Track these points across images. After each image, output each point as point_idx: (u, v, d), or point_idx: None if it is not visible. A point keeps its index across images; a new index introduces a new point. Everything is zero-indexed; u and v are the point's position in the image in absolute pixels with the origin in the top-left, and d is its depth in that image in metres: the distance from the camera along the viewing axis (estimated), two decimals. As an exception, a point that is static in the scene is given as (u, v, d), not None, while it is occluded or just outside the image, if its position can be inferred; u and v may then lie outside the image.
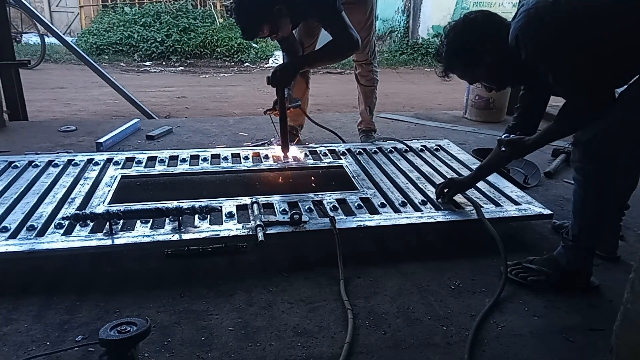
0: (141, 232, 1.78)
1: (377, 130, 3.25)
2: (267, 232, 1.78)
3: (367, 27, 2.85)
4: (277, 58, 8.29)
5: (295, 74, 2.46)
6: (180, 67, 8.30)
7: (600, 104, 1.50)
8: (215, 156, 2.60)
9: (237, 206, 2.00)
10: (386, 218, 1.98)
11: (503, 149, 1.83)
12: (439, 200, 2.13)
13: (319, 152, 2.69)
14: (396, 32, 10.62)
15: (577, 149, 1.58)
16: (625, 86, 1.54)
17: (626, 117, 1.50)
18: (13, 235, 1.75)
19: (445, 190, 2.12)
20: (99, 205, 2.01)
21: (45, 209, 1.94)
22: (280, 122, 2.54)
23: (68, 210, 1.95)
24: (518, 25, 1.53)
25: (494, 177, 2.38)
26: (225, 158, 2.57)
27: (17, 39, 8.63)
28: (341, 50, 2.44)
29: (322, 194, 2.14)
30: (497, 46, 1.62)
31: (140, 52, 8.67)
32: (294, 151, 2.66)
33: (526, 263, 1.76)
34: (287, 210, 1.97)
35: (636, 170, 1.76)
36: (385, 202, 2.12)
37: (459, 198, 2.15)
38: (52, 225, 1.81)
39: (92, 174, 2.32)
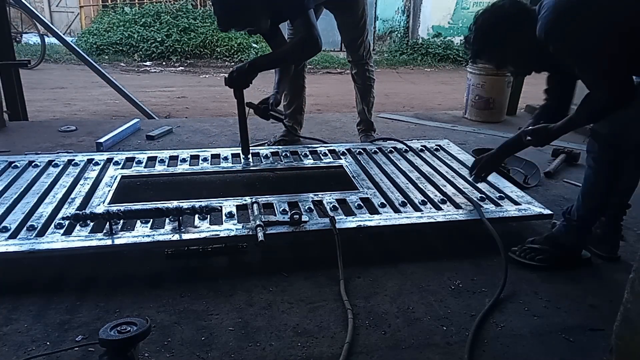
0: (141, 232, 1.78)
1: (377, 130, 3.25)
2: (267, 232, 1.78)
3: (361, 27, 2.83)
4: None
5: (252, 75, 2.37)
6: (180, 67, 8.30)
7: (623, 98, 1.55)
8: (215, 156, 2.60)
9: (237, 206, 2.00)
10: (386, 218, 1.98)
11: (529, 138, 1.86)
12: (475, 179, 2.13)
13: (319, 152, 2.69)
14: (396, 32, 10.63)
15: (596, 140, 1.71)
16: None
17: None
18: (13, 235, 1.75)
19: (483, 175, 2.10)
20: (99, 205, 2.01)
21: (46, 209, 1.94)
22: (239, 123, 2.50)
23: (68, 210, 1.95)
24: (546, 20, 1.57)
25: (494, 177, 2.38)
26: (226, 158, 2.57)
27: (17, 39, 8.62)
28: (300, 50, 2.40)
29: (322, 194, 2.14)
30: (524, 31, 1.68)
31: (140, 52, 8.67)
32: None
33: (529, 244, 1.86)
34: (287, 210, 1.97)
35: (639, 168, 1.81)
36: (385, 202, 2.12)
37: (458, 198, 2.15)
38: (52, 225, 1.81)
39: (92, 174, 2.32)
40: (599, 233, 1.92)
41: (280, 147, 2.83)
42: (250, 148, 2.62)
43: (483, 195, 2.19)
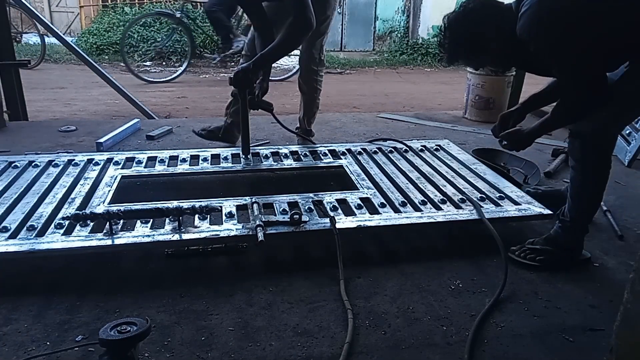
0: (141, 232, 1.78)
1: (377, 130, 3.24)
2: (267, 232, 1.78)
3: (323, 28, 2.75)
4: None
5: (257, 73, 2.37)
6: (180, 67, 8.28)
7: (600, 98, 1.57)
8: (215, 156, 2.60)
9: (237, 206, 1.99)
10: (386, 218, 1.98)
11: (504, 142, 1.89)
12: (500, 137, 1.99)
13: (319, 152, 2.69)
14: (396, 32, 10.62)
15: (577, 140, 1.72)
16: (617, 77, 1.65)
17: (620, 112, 1.66)
18: (13, 235, 1.75)
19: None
20: (99, 205, 2.01)
21: (45, 209, 1.94)
22: (242, 123, 2.48)
23: (68, 210, 1.95)
24: (529, 21, 1.56)
25: (493, 177, 2.39)
26: (226, 158, 2.57)
27: (17, 39, 8.61)
28: (295, 35, 2.36)
29: (322, 194, 2.14)
30: (499, 31, 1.66)
31: (140, 52, 8.67)
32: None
33: (529, 245, 1.87)
34: (287, 210, 1.97)
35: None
36: (385, 202, 2.12)
37: (456, 195, 2.15)
38: (52, 225, 1.81)
39: (92, 174, 2.32)
40: None
41: (280, 147, 2.82)
42: (250, 148, 2.62)
43: (483, 196, 2.19)
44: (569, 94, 1.65)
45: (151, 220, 1.84)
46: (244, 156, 2.58)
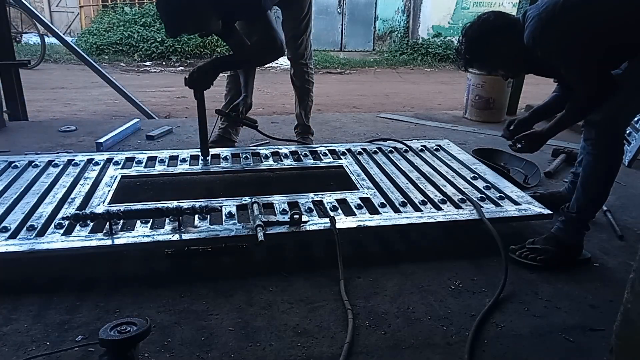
0: (141, 232, 1.78)
1: (377, 130, 3.24)
2: (267, 232, 1.78)
3: (305, 24, 2.78)
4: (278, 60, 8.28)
5: (213, 76, 2.32)
6: (180, 67, 8.30)
7: (605, 92, 1.67)
8: (215, 156, 2.60)
9: (237, 206, 1.99)
10: (386, 218, 1.98)
11: (519, 145, 1.96)
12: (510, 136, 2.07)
13: (319, 152, 2.69)
14: (396, 32, 10.64)
15: (592, 127, 1.81)
16: (622, 70, 1.76)
17: (627, 100, 1.73)
18: (13, 235, 1.75)
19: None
20: (99, 205, 2.01)
21: (45, 209, 1.94)
22: (199, 125, 2.47)
23: (68, 210, 1.95)
24: (533, 29, 1.70)
25: (493, 177, 2.39)
26: (226, 158, 2.57)
27: (17, 39, 8.63)
28: (262, 52, 2.34)
29: (322, 194, 2.14)
30: (511, 39, 1.81)
31: (140, 52, 8.68)
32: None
33: (529, 245, 1.88)
34: (287, 210, 1.97)
35: None
36: (385, 202, 2.12)
37: (456, 195, 2.15)
38: (52, 225, 1.81)
39: (92, 174, 2.32)
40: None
41: (280, 147, 2.82)
42: (250, 148, 2.62)
43: (483, 196, 2.19)
44: (580, 89, 1.74)
45: (151, 220, 1.84)
46: (202, 158, 2.53)
